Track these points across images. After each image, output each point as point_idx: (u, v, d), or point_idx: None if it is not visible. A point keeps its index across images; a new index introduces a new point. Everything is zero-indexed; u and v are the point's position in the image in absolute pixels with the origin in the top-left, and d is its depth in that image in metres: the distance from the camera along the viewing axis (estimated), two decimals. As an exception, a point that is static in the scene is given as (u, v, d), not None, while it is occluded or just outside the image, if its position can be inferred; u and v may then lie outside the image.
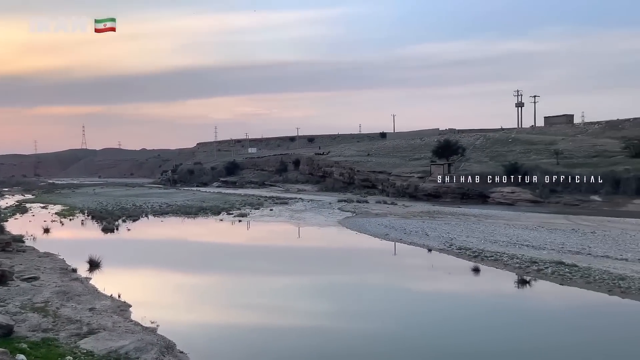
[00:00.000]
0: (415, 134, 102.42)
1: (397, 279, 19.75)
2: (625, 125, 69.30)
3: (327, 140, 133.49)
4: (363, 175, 72.93)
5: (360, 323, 13.74)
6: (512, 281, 17.74)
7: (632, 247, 22.90)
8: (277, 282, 19.01)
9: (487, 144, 73.44)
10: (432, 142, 76.30)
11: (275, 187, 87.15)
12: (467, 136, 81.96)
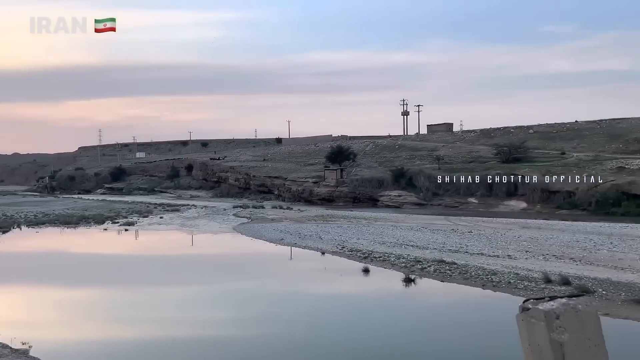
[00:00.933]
0: (310, 140, 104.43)
1: (292, 282, 19.93)
2: (496, 134, 76.39)
3: (222, 145, 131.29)
4: (259, 181, 72.75)
5: (254, 329, 13.64)
6: (399, 280, 18.70)
7: (502, 244, 25.26)
8: (168, 293, 18.24)
9: (377, 150, 77.00)
10: (325, 148, 78.32)
11: (166, 194, 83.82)
12: (358, 143, 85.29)
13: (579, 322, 1.91)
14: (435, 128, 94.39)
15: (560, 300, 2.01)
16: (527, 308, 1.98)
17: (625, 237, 26.85)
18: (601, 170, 50.27)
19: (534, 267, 19.16)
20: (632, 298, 14.74)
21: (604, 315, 13.86)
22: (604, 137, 64.96)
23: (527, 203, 48.86)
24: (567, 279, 16.73)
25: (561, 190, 48.26)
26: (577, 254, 22.30)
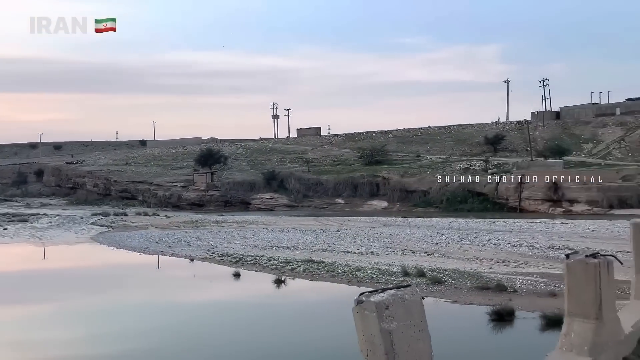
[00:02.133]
0: (178, 143, 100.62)
1: (156, 293, 19.00)
2: (360, 138, 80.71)
3: (78, 147, 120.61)
4: (121, 186, 68.26)
5: (111, 347, 12.73)
6: (270, 282, 18.82)
7: (366, 241, 26.72)
8: (14, 313, 16.27)
9: (248, 153, 76.82)
10: (194, 150, 76.07)
11: (13, 202, 74.74)
12: (229, 145, 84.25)
13: (405, 310, 2.10)
14: (305, 132, 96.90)
15: (390, 291, 2.20)
16: (361, 301, 2.13)
17: (471, 231, 30.03)
18: (450, 171, 55.71)
19: (394, 262, 20.55)
20: (476, 285, 16.53)
21: (452, 302, 15.39)
22: (453, 141, 72.14)
23: (388, 202, 52.34)
24: (422, 271, 18.25)
25: (417, 190, 52.54)
26: (430, 247, 24.39)
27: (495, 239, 26.44)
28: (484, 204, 48.64)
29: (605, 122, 76.72)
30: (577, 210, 44.99)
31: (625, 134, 71.65)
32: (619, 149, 67.50)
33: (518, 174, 50.56)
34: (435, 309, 15.11)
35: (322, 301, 17.03)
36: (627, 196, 43.88)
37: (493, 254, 22.15)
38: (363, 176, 55.63)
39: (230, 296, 17.89)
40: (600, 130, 74.38)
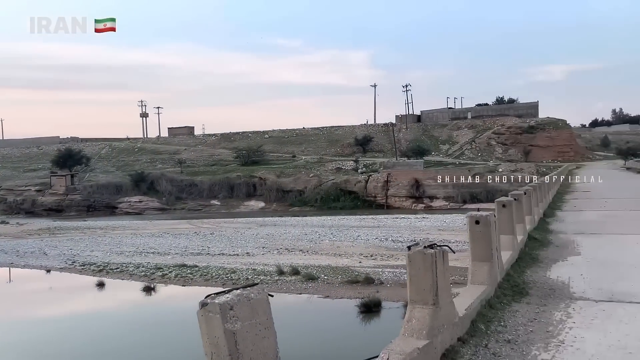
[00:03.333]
0: (32, 142, 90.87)
1: (4, 308, 17.01)
2: (236, 138, 79.91)
3: None
4: (-40, 192, 59.82)
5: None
6: (137, 290, 17.86)
7: (242, 243, 26.54)
8: None
9: (114, 153, 71.93)
10: (52, 151, 69.31)
11: None
12: (91, 145, 78.12)
13: (251, 309, 2.16)
14: (177, 131, 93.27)
15: (236, 291, 2.24)
16: (205, 303, 2.14)
17: (342, 228, 31.30)
18: (324, 171, 57.57)
19: (269, 262, 20.67)
20: (346, 280, 17.29)
21: (325, 297, 15.95)
22: (326, 142, 74.57)
23: (265, 202, 52.54)
24: (296, 269, 18.61)
25: (293, 190, 53.48)
26: (305, 245, 24.97)
27: (365, 234, 27.84)
28: (355, 201, 51.05)
29: (459, 125, 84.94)
30: (436, 205, 49.19)
31: (475, 136, 79.96)
32: (471, 150, 75.12)
33: (385, 173, 53.83)
34: (309, 305, 15.54)
35: (193, 307, 16.56)
36: (477, 192, 48.94)
37: (362, 249, 23.30)
38: (239, 177, 55.17)
39: (92, 307, 16.62)
40: (455, 132, 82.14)
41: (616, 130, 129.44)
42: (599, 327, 4.71)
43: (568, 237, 10.44)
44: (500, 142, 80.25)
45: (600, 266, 7.50)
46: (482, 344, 4.29)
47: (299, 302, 15.58)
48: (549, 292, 6.10)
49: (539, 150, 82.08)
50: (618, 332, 4.54)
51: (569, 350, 4.15)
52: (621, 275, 6.81)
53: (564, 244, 9.68)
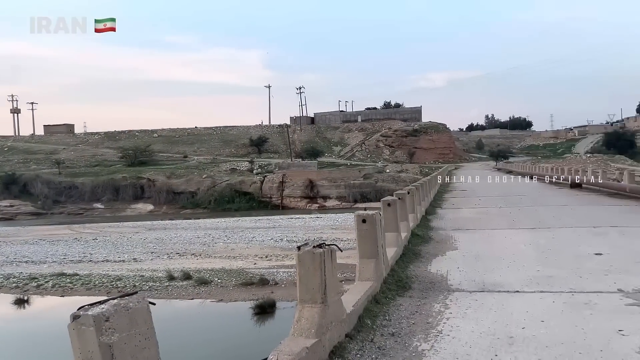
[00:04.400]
0: None
1: None
2: (122, 137, 75.47)
3: None
4: None
5: None
6: (7, 303, 16.18)
7: (129, 248, 25.13)
8: None
9: (-21, 153, 64.47)
10: None
11: None
12: (-50, 143, 69.34)
13: (129, 320, 2.05)
14: (54, 129, 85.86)
15: (112, 301, 2.11)
16: (77, 316, 1.99)
17: (237, 229, 30.92)
18: (218, 172, 56.43)
19: (159, 267, 19.80)
20: (241, 282, 17.08)
21: (218, 301, 15.63)
22: (220, 142, 73.18)
23: (154, 205, 50.23)
24: (188, 274, 18.01)
25: (185, 191, 51.74)
26: (198, 249, 24.28)
27: (260, 235, 27.75)
28: (250, 202, 50.71)
29: (350, 128, 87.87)
30: (329, 205, 50.49)
31: (365, 138, 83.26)
32: (361, 151, 78.08)
33: (280, 173, 54.13)
34: (201, 310, 15.13)
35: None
36: (367, 192, 51.04)
37: (257, 250, 23.20)
38: (125, 178, 52.16)
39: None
40: (346, 134, 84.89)
41: (489, 134, 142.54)
42: (472, 316, 5.14)
43: (447, 233, 11.27)
44: (388, 144, 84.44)
45: (474, 259, 8.19)
46: (368, 339, 4.48)
47: (190, 308, 15.13)
48: (430, 285, 6.53)
49: (422, 152, 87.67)
50: (488, 319, 4.99)
51: (446, 340, 4.47)
52: (491, 267, 7.49)
53: (443, 239, 10.43)
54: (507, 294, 5.95)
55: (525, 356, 4.01)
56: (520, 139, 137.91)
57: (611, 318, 4.82)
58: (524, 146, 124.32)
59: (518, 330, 4.60)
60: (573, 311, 5.11)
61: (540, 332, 4.52)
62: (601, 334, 4.40)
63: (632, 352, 3.96)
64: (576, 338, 4.33)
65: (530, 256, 8.20)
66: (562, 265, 7.31)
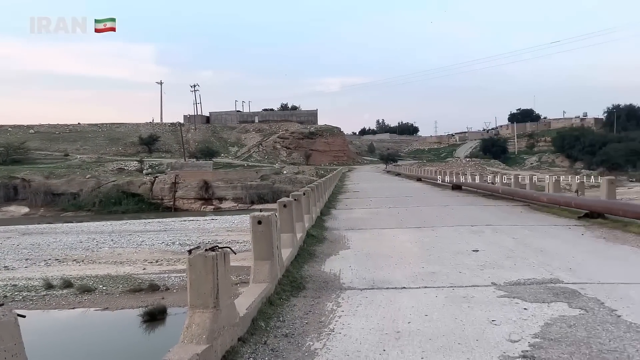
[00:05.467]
0: None
1: None
2: (-9, 132, 67.99)
3: None
4: None
5: None
6: None
7: (-2, 255, 22.70)
8: None
9: None
10: None
11: None
12: None
13: (-8, 335, 1.84)
14: None
15: (-29, 317, 1.88)
16: None
17: (125, 233, 29.21)
18: (103, 172, 52.93)
19: (34, 275, 18.11)
20: (129, 289, 16.15)
21: (103, 310, 14.63)
22: (106, 140, 68.71)
23: (29, 207, 45.84)
24: (69, 282, 16.66)
25: (66, 193, 47.84)
26: (80, 254, 22.56)
27: (150, 239, 26.50)
28: (140, 204, 48.21)
29: (247, 129, 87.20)
30: (225, 207, 49.61)
31: (262, 139, 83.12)
32: (258, 152, 77.81)
33: (172, 174, 52.14)
34: (84, 319, 14.08)
35: None
36: (264, 193, 50.93)
37: (147, 255, 22.13)
38: (-5, 178, 47.03)
39: None
40: (243, 135, 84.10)
41: (380, 139, 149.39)
42: (363, 313, 5.33)
43: (340, 233, 11.60)
44: (285, 145, 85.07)
45: (365, 257, 8.51)
46: (261, 341, 4.45)
47: (71, 318, 14.03)
48: (323, 284, 6.66)
49: (318, 154, 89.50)
50: (377, 315, 5.20)
51: (337, 338, 4.58)
52: (380, 264, 7.83)
53: (337, 239, 10.71)
54: (395, 290, 6.25)
55: (410, 349, 4.23)
56: (408, 144, 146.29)
57: (486, 309, 5.26)
58: (411, 150, 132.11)
59: (404, 325, 4.85)
60: (453, 304, 5.49)
61: (424, 326, 4.81)
62: (477, 324, 4.79)
63: (503, 340, 4.35)
64: (456, 330, 4.66)
65: (416, 254, 8.70)
66: (444, 262, 7.84)
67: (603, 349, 4.07)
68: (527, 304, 5.40)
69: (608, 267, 7.20)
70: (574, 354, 3.98)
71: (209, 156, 63.87)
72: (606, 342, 4.21)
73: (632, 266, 7.19)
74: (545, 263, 7.52)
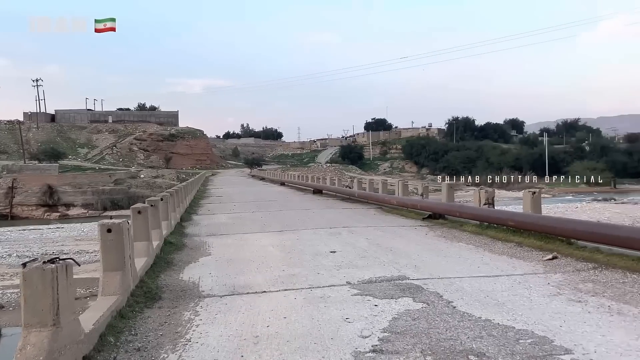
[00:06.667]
0: None
1: None
2: None
3: None
4: None
5: None
6: None
7: None
8: None
9: None
10: None
11: None
12: None
13: None
14: None
15: None
16: None
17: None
18: None
19: None
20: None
21: None
22: None
23: None
24: None
25: None
26: None
27: (-21, 252, 23.18)
28: (-34, 212, 41.97)
29: (99, 129, 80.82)
30: (73, 214, 45.34)
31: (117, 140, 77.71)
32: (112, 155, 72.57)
33: (9, 178, 46.30)
34: None
35: None
36: (118, 198, 47.62)
37: (-25, 270, 19.32)
38: None
39: None
40: (95, 135, 77.77)
41: (244, 143, 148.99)
42: (222, 320, 5.24)
43: (201, 239, 11.30)
44: (142, 148, 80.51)
45: (226, 263, 8.40)
46: (110, 358, 4.14)
47: None
48: (181, 293, 6.43)
49: (179, 157, 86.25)
50: (236, 322, 5.16)
51: (194, 347, 4.45)
52: (242, 269, 7.80)
53: (197, 246, 10.41)
54: (255, 294, 6.27)
55: (268, 352, 4.27)
56: (272, 148, 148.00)
57: (341, 308, 5.52)
58: (276, 155, 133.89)
59: (263, 329, 4.88)
60: (311, 305, 5.67)
61: (282, 328, 4.89)
62: (332, 323, 5.00)
63: (356, 337, 4.60)
64: (312, 330, 4.82)
65: (277, 257, 8.82)
66: (304, 264, 8.06)
67: (441, 337, 4.52)
68: (377, 301, 5.78)
69: (446, 263, 8.01)
70: (417, 345, 4.36)
71: (54, 158, 57.85)
72: (443, 332, 4.67)
73: (465, 261, 8.09)
74: (394, 261, 8.13)
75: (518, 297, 5.81)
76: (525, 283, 6.52)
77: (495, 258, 8.33)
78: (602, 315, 5.06)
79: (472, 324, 4.86)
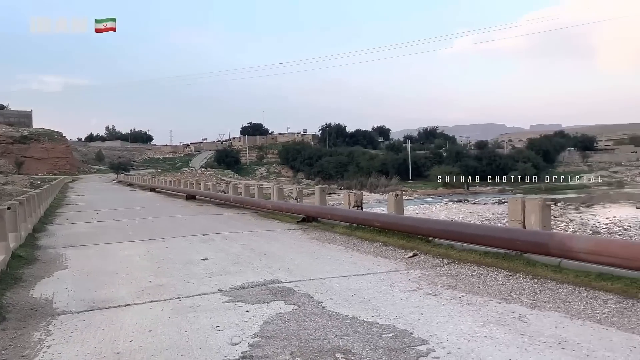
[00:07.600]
0: None
1: None
2: None
3: None
4: None
5: None
6: None
7: None
8: None
9: None
10: None
11: None
12: None
13: None
14: None
15: None
16: None
17: None
18: None
19: None
20: None
21: None
22: None
23: None
24: None
25: None
26: None
27: None
28: None
29: None
30: None
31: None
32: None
33: None
34: None
35: None
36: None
37: None
38: None
39: None
40: None
41: (110, 146, 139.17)
42: (78, 338, 4.81)
43: (57, 252, 10.29)
44: (-11, 151, 71.34)
45: (86, 277, 7.73)
46: None
47: None
48: (31, 312, 5.78)
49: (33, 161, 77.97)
50: (95, 339, 4.77)
51: (44, 371, 4.02)
52: (104, 282, 7.24)
53: (52, 259, 9.46)
54: (118, 308, 5.85)
55: (131, 369, 4.01)
56: (141, 152, 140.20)
57: (211, 317, 5.37)
58: (145, 159, 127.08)
59: (126, 344, 4.57)
60: (179, 316, 5.44)
61: (147, 342, 4.62)
62: (202, 333, 4.84)
63: (225, 344, 4.50)
64: (180, 341, 4.62)
65: (144, 267, 8.34)
66: (173, 274, 7.73)
67: (310, 338, 4.61)
68: (249, 306, 5.73)
69: (318, 264, 8.22)
70: (287, 347, 4.39)
71: None
72: (312, 332, 4.77)
73: (335, 262, 8.38)
74: (268, 265, 8.14)
75: (382, 294, 6.16)
76: (389, 280, 6.93)
77: (363, 257, 8.75)
78: (454, 307, 5.56)
79: (340, 323, 5.04)
